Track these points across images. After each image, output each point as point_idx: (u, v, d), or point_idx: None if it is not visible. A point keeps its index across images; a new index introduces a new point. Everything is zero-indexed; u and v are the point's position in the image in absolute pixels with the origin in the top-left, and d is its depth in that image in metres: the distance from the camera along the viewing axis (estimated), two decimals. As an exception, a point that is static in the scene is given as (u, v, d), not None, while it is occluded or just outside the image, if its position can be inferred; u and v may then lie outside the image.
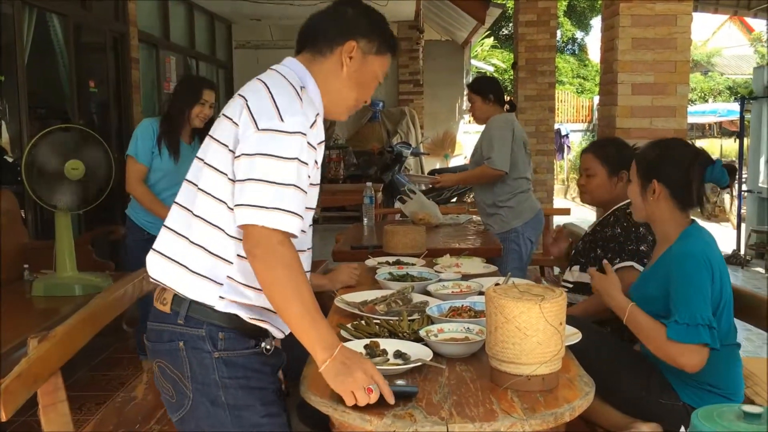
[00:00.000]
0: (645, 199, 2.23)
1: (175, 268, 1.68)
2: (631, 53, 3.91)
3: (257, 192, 1.53)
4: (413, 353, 1.82)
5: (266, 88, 1.63)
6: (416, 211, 4.27)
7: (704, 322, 1.98)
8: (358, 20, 1.76)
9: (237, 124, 1.61)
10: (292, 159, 1.55)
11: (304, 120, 1.59)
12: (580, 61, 24.47)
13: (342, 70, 1.75)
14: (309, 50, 1.77)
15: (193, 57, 8.78)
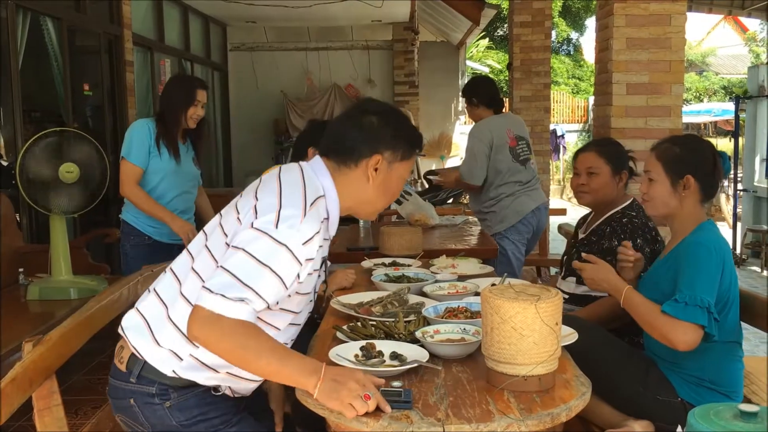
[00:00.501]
0: (676, 195, 2.23)
1: (145, 331, 1.74)
2: (626, 53, 3.91)
3: (222, 282, 1.56)
4: (409, 354, 1.82)
5: (279, 191, 1.67)
6: (412, 213, 4.27)
7: (703, 305, 1.98)
8: (383, 131, 1.79)
9: (241, 221, 1.67)
10: (265, 265, 1.58)
11: (298, 236, 1.61)
12: (575, 62, 24.51)
13: (368, 182, 1.80)
14: (334, 159, 1.80)
15: (188, 59, 8.77)
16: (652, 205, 2.29)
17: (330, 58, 11.05)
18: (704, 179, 2.22)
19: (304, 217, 1.63)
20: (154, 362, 1.72)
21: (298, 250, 1.62)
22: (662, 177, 2.24)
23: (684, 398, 2.16)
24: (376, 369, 1.74)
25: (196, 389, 1.75)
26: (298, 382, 1.58)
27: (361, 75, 11.19)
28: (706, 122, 18.38)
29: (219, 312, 1.54)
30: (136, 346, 1.74)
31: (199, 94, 3.55)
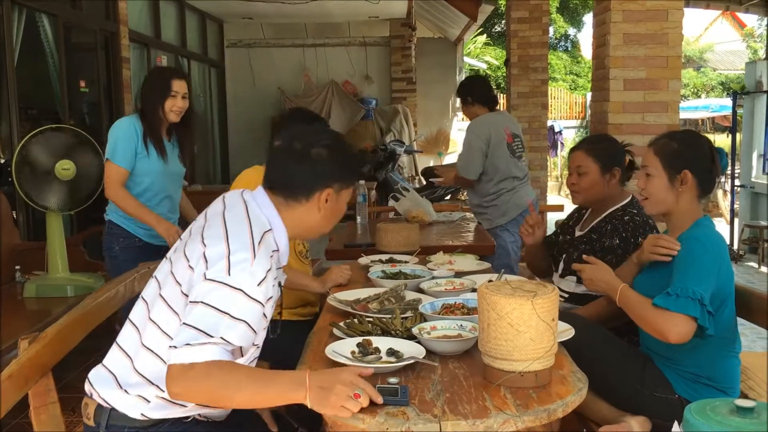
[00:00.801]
0: (673, 191, 2.22)
1: (112, 382, 1.75)
2: (623, 49, 3.91)
3: (185, 334, 1.57)
4: (406, 351, 1.82)
5: (226, 234, 1.66)
6: (410, 209, 4.27)
7: (695, 296, 1.99)
8: (333, 165, 1.80)
9: (192, 268, 1.67)
10: (225, 313, 1.58)
11: (251, 279, 1.62)
12: (572, 58, 24.50)
13: (318, 213, 1.82)
14: (282, 194, 1.80)
15: (185, 56, 8.76)
16: (649, 202, 2.28)
17: (327, 55, 11.04)
18: (702, 174, 2.22)
19: (254, 258, 1.63)
20: (122, 408, 1.72)
21: (255, 292, 1.62)
22: (660, 172, 2.24)
23: (681, 395, 2.16)
24: (373, 365, 1.74)
25: (166, 422, 1.74)
26: (289, 399, 1.58)
27: (359, 71, 11.19)
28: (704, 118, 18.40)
29: (189, 361, 1.55)
30: (104, 397, 1.74)
31: (175, 85, 3.32)
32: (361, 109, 10.72)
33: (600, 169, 2.77)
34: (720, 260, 2.11)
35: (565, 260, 2.89)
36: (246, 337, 1.63)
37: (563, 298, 2.83)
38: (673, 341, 2.01)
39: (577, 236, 2.87)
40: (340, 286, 2.67)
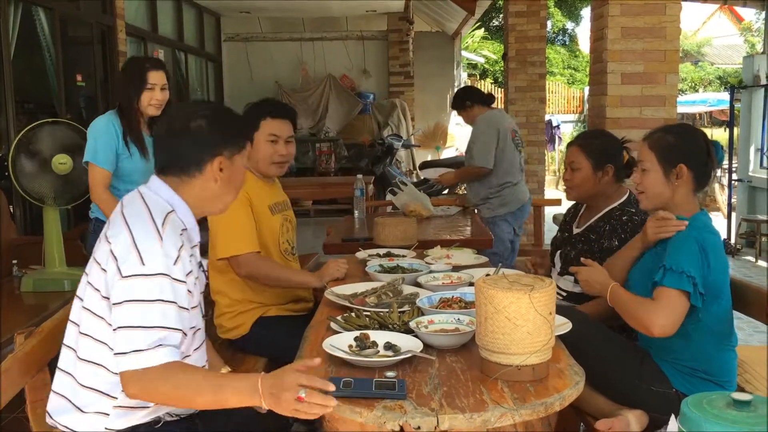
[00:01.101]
0: (669, 185, 2.22)
1: (67, 406, 1.74)
2: (621, 42, 3.90)
3: (128, 339, 1.58)
4: (403, 345, 1.82)
5: (128, 228, 1.67)
6: (407, 203, 4.27)
7: (687, 272, 2.01)
8: (215, 133, 1.79)
9: (105, 270, 1.67)
10: (154, 301, 1.60)
11: (166, 260, 1.64)
12: (570, 52, 24.46)
13: (216, 183, 1.81)
14: (175, 174, 1.80)
15: (182, 50, 8.73)
16: (645, 196, 2.28)
17: (325, 49, 11.01)
18: (697, 168, 2.21)
19: (161, 240, 1.65)
20: (86, 429, 1.71)
21: (173, 271, 1.64)
22: (655, 166, 2.23)
23: (678, 389, 2.16)
24: (370, 359, 1.74)
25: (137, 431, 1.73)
26: (247, 403, 1.60)
27: (356, 65, 11.16)
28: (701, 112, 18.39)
29: (141, 366, 1.57)
30: (65, 424, 1.73)
31: (151, 77, 3.16)
32: (359, 103, 10.69)
33: (592, 165, 2.75)
34: (715, 251, 2.11)
35: (562, 258, 2.88)
36: (181, 318, 1.64)
37: (561, 296, 2.81)
38: (657, 334, 2.02)
39: (575, 234, 2.86)
40: (337, 281, 2.67)
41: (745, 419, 1.46)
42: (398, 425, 1.51)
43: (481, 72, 21.55)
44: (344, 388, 1.60)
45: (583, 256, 2.72)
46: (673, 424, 1.84)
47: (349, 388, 1.60)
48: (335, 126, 10.63)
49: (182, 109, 1.87)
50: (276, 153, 2.79)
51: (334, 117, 10.61)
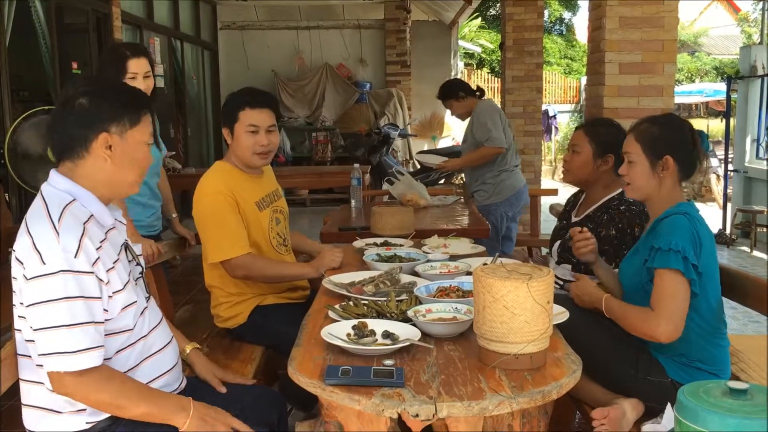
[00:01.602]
0: (655, 176, 2.22)
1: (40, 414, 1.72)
2: (619, 32, 3.90)
3: (44, 342, 1.58)
4: (401, 333, 1.83)
5: (28, 230, 1.63)
6: (404, 193, 4.27)
7: (678, 249, 2.02)
8: (98, 108, 1.70)
9: (15, 277, 1.65)
10: (59, 299, 1.57)
11: (65, 255, 1.59)
12: (567, 42, 24.40)
13: (107, 162, 1.72)
14: (67, 160, 1.72)
15: (178, 38, 8.70)
16: (631, 188, 2.28)
17: (321, 38, 10.98)
18: (683, 159, 2.22)
19: (57, 236, 1.60)
20: (68, 428, 1.70)
21: (75, 264, 1.60)
22: (641, 158, 2.23)
23: (673, 378, 2.17)
24: (369, 348, 1.75)
25: (120, 422, 1.72)
26: (169, 419, 1.68)
27: (353, 54, 11.13)
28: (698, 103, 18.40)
29: (70, 369, 1.57)
30: (46, 430, 1.72)
31: (132, 65, 2.96)
32: (356, 92, 10.68)
33: (593, 151, 2.77)
34: (705, 236, 2.12)
35: (560, 246, 2.89)
36: (96, 311, 1.62)
37: (558, 285, 2.83)
38: (665, 341, 2.05)
39: (573, 222, 2.87)
40: (335, 269, 2.67)
41: (741, 407, 1.47)
42: (396, 413, 1.52)
43: (478, 61, 21.50)
44: (342, 376, 1.60)
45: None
46: (669, 413, 1.85)
47: (348, 376, 1.60)
48: (332, 115, 10.62)
49: (68, 89, 1.75)
50: (257, 144, 2.73)
51: (330, 106, 10.59)
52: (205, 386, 2.03)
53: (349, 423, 1.66)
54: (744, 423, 1.44)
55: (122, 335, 1.74)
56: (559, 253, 2.88)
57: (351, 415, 1.64)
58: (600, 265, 2.52)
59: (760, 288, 2.24)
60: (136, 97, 1.79)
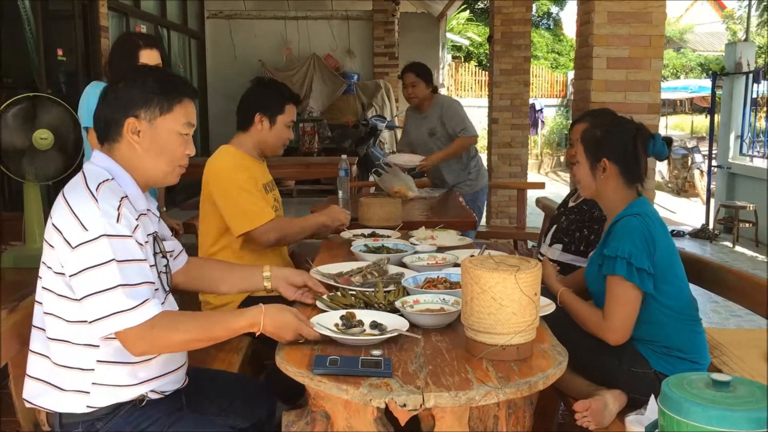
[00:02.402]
0: (595, 178, 2.26)
1: (45, 388, 1.72)
2: (607, 27, 3.91)
3: (99, 304, 1.58)
4: (389, 324, 1.83)
5: (66, 201, 1.66)
6: (391, 184, 4.27)
7: (624, 255, 2.07)
8: (129, 94, 1.73)
9: (52, 246, 1.66)
10: (107, 262, 1.59)
11: (105, 220, 1.62)
12: (554, 36, 24.47)
13: (137, 149, 1.75)
14: (105, 141, 1.77)
15: (165, 26, 8.62)
16: (581, 187, 2.34)
17: (309, 28, 10.92)
18: (623, 163, 2.23)
19: (97, 202, 1.63)
20: (67, 408, 1.70)
21: (117, 229, 1.62)
22: (583, 158, 2.29)
23: (656, 369, 2.20)
24: (357, 338, 1.75)
25: (121, 410, 1.73)
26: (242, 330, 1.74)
27: (341, 45, 11.09)
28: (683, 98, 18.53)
29: (135, 324, 1.59)
30: (45, 406, 1.72)
31: (144, 56, 3.04)
32: (343, 83, 10.64)
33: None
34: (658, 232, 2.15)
35: (555, 229, 2.95)
36: (144, 272, 1.65)
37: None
38: (613, 344, 2.14)
39: (570, 206, 2.94)
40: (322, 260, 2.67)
41: (724, 399, 1.49)
42: (384, 403, 1.52)
43: (466, 54, 21.51)
44: (330, 366, 1.61)
45: (575, 224, 2.79)
46: (653, 404, 1.88)
47: (335, 366, 1.61)
48: (319, 106, 10.58)
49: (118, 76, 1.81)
50: (288, 137, 2.96)
51: (317, 97, 10.55)
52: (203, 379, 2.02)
53: (336, 413, 1.66)
54: (726, 414, 1.46)
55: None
56: (552, 234, 2.94)
57: (338, 404, 1.65)
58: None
59: (742, 281, 2.28)
60: (172, 84, 1.78)
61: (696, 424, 1.48)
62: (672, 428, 1.52)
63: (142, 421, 1.74)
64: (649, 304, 2.15)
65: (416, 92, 4.65)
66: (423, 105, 4.69)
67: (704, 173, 9.96)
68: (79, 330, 1.66)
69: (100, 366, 1.68)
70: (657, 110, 3.99)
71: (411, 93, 4.67)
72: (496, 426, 1.71)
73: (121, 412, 1.72)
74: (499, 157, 7.69)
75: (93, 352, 1.68)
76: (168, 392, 1.82)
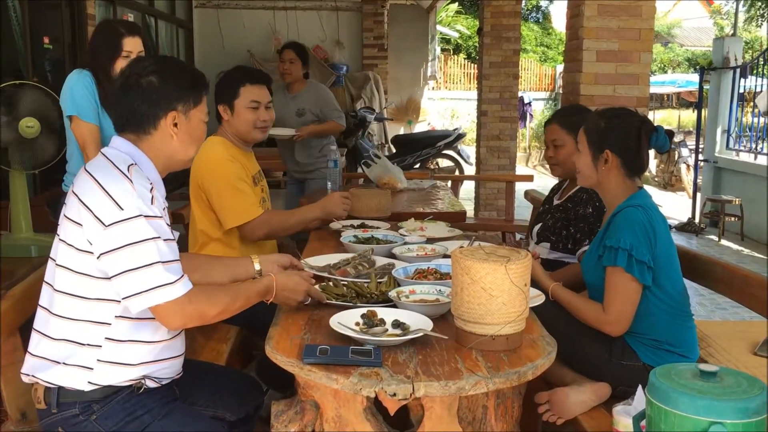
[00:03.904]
0: (597, 169, 2.26)
1: (47, 363, 1.72)
2: (597, 20, 3.91)
3: (137, 281, 1.62)
4: (412, 323, 1.80)
5: (95, 181, 1.67)
6: (381, 175, 4.27)
7: (626, 247, 2.08)
8: (167, 88, 1.79)
9: (80, 223, 1.66)
10: (146, 240, 1.63)
11: (140, 201, 1.66)
12: (543, 30, 24.48)
13: (173, 139, 1.82)
14: (133, 132, 1.80)
15: (152, 15, 8.55)
16: (581, 176, 2.35)
17: (298, 19, 10.87)
18: (625, 155, 2.24)
19: (131, 183, 1.66)
20: (68, 383, 1.70)
21: (152, 210, 1.67)
22: (585, 149, 2.29)
23: (645, 362, 2.21)
24: (380, 338, 1.70)
25: (118, 395, 1.73)
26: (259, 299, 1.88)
27: (330, 36, 11.04)
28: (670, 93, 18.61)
29: (177, 296, 1.63)
30: (47, 379, 1.72)
31: (127, 44, 2.97)
32: (332, 74, 10.59)
33: (575, 140, 2.79)
34: (657, 222, 2.16)
35: (540, 227, 2.94)
36: (173, 250, 1.70)
37: None
38: (614, 334, 2.15)
39: (555, 205, 2.93)
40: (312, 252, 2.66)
41: (711, 389, 1.51)
42: (374, 392, 1.52)
43: (455, 47, 21.49)
44: (320, 356, 1.61)
45: (561, 222, 2.80)
46: (640, 395, 1.89)
47: (326, 356, 1.61)
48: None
49: (134, 65, 1.84)
50: (258, 119, 2.84)
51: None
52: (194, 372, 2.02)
53: (325, 402, 1.67)
54: (713, 404, 1.47)
55: None
56: (538, 233, 2.93)
57: (327, 394, 1.65)
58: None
59: (730, 273, 2.30)
60: (199, 77, 1.88)
61: (683, 414, 1.49)
62: (660, 418, 1.54)
63: (138, 408, 1.74)
64: (644, 296, 2.16)
65: (293, 69, 4.70)
66: (294, 85, 4.75)
67: (690, 167, 10.02)
68: (95, 307, 1.69)
69: (108, 343, 1.70)
70: (645, 104, 4.00)
71: (287, 69, 4.71)
72: (485, 416, 1.72)
73: (118, 397, 1.73)
74: (487, 149, 7.69)
75: (104, 329, 1.70)
76: (164, 381, 1.82)
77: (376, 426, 1.64)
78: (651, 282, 2.12)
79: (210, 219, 2.76)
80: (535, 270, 2.35)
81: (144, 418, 1.74)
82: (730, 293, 2.30)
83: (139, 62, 1.84)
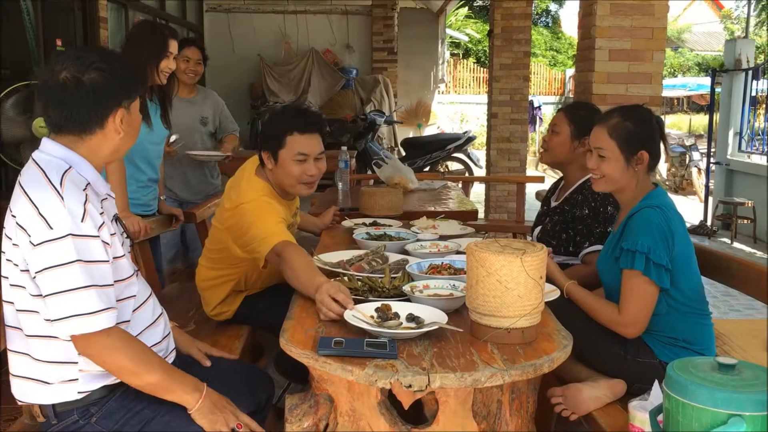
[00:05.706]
0: (629, 171, 2.22)
1: (31, 384, 1.70)
2: (609, 19, 3.90)
3: (59, 305, 1.56)
4: (426, 316, 1.79)
5: (27, 196, 1.60)
6: (392, 176, 4.26)
7: (644, 250, 2.05)
8: (112, 86, 1.69)
9: (17, 244, 1.61)
10: (72, 262, 1.56)
11: (71, 219, 1.58)
12: (553, 34, 24.47)
13: (118, 135, 1.73)
14: (73, 132, 1.69)
15: (163, 19, 8.59)
16: (605, 181, 2.27)
17: (308, 23, 10.91)
18: (655, 150, 2.24)
19: (62, 200, 1.58)
20: (58, 399, 1.69)
21: (82, 229, 1.59)
22: (616, 155, 2.22)
23: (661, 359, 2.19)
24: (395, 331, 1.70)
25: (114, 394, 1.72)
26: (180, 399, 1.69)
27: (340, 40, 11.07)
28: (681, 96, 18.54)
29: (90, 330, 1.57)
30: (35, 401, 1.70)
31: (171, 45, 3.06)
32: (342, 78, 10.62)
33: (571, 132, 2.79)
34: (675, 222, 2.14)
35: (540, 231, 2.92)
36: (106, 274, 1.62)
37: None
38: (629, 336, 2.13)
39: (552, 207, 2.92)
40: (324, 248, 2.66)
41: (729, 381, 1.49)
42: (389, 383, 1.52)
43: (464, 51, 21.50)
44: (335, 347, 1.60)
45: (559, 226, 2.78)
46: (656, 390, 1.87)
47: (341, 347, 1.60)
48: (317, 101, 10.56)
49: (70, 62, 1.67)
50: (304, 173, 2.49)
51: (316, 91, 10.53)
52: (194, 363, 2.01)
53: (339, 396, 1.66)
54: (732, 397, 1.46)
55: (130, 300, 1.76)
56: (539, 237, 2.91)
57: (341, 387, 1.65)
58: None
59: (745, 269, 2.28)
60: (134, 69, 1.81)
61: (702, 406, 1.48)
62: (677, 411, 1.52)
63: (137, 404, 1.73)
64: (660, 297, 2.13)
65: (197, 71, 4.18)
66: (191, 89, 4.24)
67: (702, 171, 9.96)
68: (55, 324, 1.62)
69: (84, 357, 1.66)
70: (658, 103, 3.99)
71: (194, 70, 4.14)
72: (500, 411, 1.70)
73: (115, 396, 1.72)
74: (498, 151, 7.67)
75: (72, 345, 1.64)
76: None
77: (390, 420, 1.63)
78: (669, 284, 2.10)
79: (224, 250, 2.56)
80: (550, 267, 2.33)
81: (144, 413, 1.72)
82: (745, 288, 2.28)
83: (72, 56, 1.70)
